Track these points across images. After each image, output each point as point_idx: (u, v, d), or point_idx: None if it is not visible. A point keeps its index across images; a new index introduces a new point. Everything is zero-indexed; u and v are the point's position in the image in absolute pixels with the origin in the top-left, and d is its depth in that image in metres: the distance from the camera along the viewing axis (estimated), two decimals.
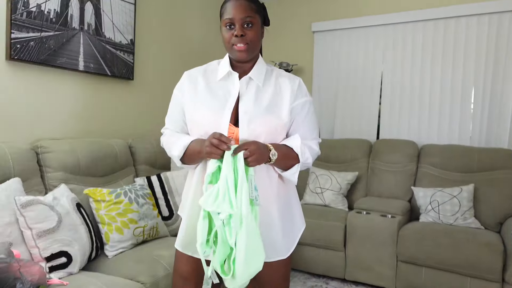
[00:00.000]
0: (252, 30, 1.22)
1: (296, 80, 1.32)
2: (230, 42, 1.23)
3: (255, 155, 1.12)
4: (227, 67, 1.29)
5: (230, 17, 1.21)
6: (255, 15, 1.23)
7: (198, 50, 3.35)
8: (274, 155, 1.17)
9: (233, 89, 1.26)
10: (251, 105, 1.23)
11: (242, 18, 1.20)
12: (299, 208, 1.40)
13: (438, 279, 2.50)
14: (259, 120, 1.21)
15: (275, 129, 1.24)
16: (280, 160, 1.20)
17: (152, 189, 2.35)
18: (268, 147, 1.18)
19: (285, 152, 1.23)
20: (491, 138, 3.13)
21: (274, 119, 1.23)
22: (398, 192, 3.13)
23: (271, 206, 1.25)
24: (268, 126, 1.22)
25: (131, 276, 1.75)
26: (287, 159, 1.24)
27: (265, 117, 1.22)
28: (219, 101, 1.25)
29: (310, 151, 1.29)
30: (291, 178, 1.27)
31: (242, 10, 1.20)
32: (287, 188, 1.32)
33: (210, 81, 1.30)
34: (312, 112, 1.34)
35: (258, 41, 1.26)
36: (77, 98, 2.39)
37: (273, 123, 1.23)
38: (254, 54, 1.27)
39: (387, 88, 3.52)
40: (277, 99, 1.27)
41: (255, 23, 1.23)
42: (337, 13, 3.73)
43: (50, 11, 2.14)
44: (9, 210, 1.58)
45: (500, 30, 3.06)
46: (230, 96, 1.25)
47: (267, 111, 1.23)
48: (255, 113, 1.22)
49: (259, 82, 1.27)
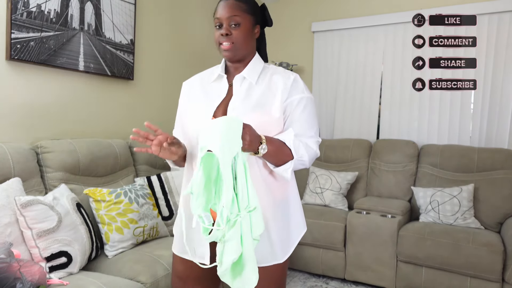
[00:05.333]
0: (238, 30, 1.22)
1: (291, 76, 1.28)
2: (217, 41, 1.25)
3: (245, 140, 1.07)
4: (219, 70, 1.32)
5: (218, 17, 1.24)
6: (244, 14, 1.23)
7: (198, 50, 3.35)
8: (263, 149, 1.12)
9: (222, 91, 1.28)
10: (240, 102, 1.23)
11: (228, 17, 1.22)
12: (300, 210, 1.35)
13: (438, 279, 2.50)
14: (246, 116, 1.18)
15: (264, 126, 1.20)
16: (271, 154, 1.15)
17: (152, 189, 2.35)
18: (261, 138, 1.12)
19: (277, 146, 1.17)
20: (491, 138, 3.13)
21: (262, 115, 1.20)
22: (398, 192, 3.13)
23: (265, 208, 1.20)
24: (256, 122, 1.17)
25: (131, 276, 1.75)
26: (280, 154, 1.18)
27: (252, 113, 1.20)
28: (206, 102, 1.27)
29: (306, 149, 1.22)
30: (283, 175, 1.20)
31: (228, 9, 1.22)
32: (283, 188, 1.27)
33: (205, 84, 1.34)
34: (310, 109, 1.27)
35: (245, 41, 1.25)
36: (77, 98, 2.39)
37: (262, 119, 1.20)
38: (242, 54, 1.27)
39: (387, 88, 3.52)
40: (268, 96, 1.24)
41: (243, 23, 1.23)
42: (337, 13, 3.73)
43: (50, 11, 2.14)
44: (9, 210, 1.58)
45: (500, 30, 3.06)
46: (217, 97, 1.27)
47: (255, 107, 1.21)
48: (243, 110, 1.21)
49: (252, 80, 1.27)
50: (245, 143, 1.06)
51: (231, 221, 1.02)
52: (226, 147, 1.02)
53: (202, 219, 1.05)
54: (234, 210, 1.03)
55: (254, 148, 1.11)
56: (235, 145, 1.04)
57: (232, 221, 1.03)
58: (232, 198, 1.02)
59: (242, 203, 1.05)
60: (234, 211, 1.03)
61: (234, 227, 1.03)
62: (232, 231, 1.03)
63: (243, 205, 1.05)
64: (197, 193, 1.05)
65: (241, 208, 1.04)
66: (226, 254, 1.04)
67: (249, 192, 1.07)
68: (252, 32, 1.27)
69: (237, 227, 1.03)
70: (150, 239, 2.13)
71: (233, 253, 1.04)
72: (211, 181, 1.09)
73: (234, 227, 1.03)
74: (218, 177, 1.07)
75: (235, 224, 1.03)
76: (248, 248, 1.06)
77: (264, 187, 1.21)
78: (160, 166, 2.68)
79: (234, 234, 1.03)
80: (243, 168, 1.07)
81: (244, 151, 1.09)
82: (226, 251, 1.04)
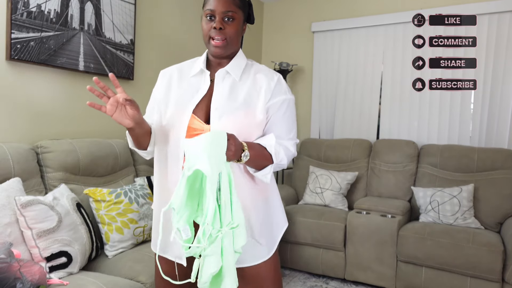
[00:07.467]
0: (232, 25, 1.19)
1: (275, 77, 1.25)
2: (208, 34, 1.21)
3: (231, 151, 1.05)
4: (201, 64, 1.26)
5: (212, 9, 1.18)
6: (238, 10, 1.20)
7: (198, 50, 3.34)
8: (246, 157, 1.10)
9: (202, 87, 1.23)
10: (224, 100, 1.19)
11: (223, 11, 1.18)
12: (280, 206, 1.35)
13: (438, 279, 2.50)
14: (231, 116, 1.16)
15: (248, 127, 1.18)
16: (252, 160, 1.13)
17: (152, 189, 2.35)
18: (243, 146, 1.10)
19: (258, 151, 1.16)
20: (491, 138, 3.13)
21: (247, 116, 1.18)
22: (398, 192, 3.13)
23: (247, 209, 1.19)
24: (240, 122, 1.16)
25: (131, 276, 1.75)
26: (260, 159, 1.17)
27: (237, 113, 1.17)
28: (185, 97, 1.22)
29: (285, 152, 1.21)
30: (263, 179, 1.20)
31: (224, 3, 1.18)
32: (264, 189, 1.26)
33: (183, 78, 1.28)
34: (291, 111, 1.26)
35: (236, 37, 1.22)
36: (77, 98, 2.39)
37: (246, 120, 1.18)
38: (232, 51, 1.24)
39: (387, 88, 3.52)
40: (253, 96, 1.21)
41: (236, 18, 1.20)
42: (337, 13, 3.73)
43: (50, 11, 2.14)
44: (9, 210, 1.58)
45: (500, 30, 3.06)
46: (197, 93, 1.22)
47: (241, 107, 1.18)
48: (227, 109, 1.17)
49: (235, 76, 1.23)
50: (230, 153, 1.05)
51: (212, 236, 0.99)
52: (214, 165, 1.00)
53: (180, 233, 1.01)
54: (216, 226, 1.00)
55: (237, 157, 1.09)
56: (221, 159, 1.03)
57: (213, 237, 1.00)
58: (214, 211, 0.99)
59: (225, 219, 1.02)
60: (216, 227, 1.00)
61: (214, 243, 1.01)
62: (212, 246, 1.00)
63: (225, 221, 1.02)
64: (178, 209, 1.01)
65: (224, 223, 1.01)
66: (206, 268, 1.02)
67: (232, 207, 1.05)
68: (241, 29, 1.25)
69: (217, 242, 1.01)
70: (150, 239, 2.13)
71: (212, 267, 1.02)
72: (193, 193, 1.05)
73: (214, 242, 1.00)
74: (201, 188, 1.04)
75: (215, 240, 1.00)
76: (228, 261, 1.05)
77: (247, 188, 1.21)
78: None
79: (214, 249, 1.01)
80: (227, 179, 1.05)
81: (229, 161, 1.07)
82: (205, 265, 1.02)
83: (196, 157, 1.00)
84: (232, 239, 1.06)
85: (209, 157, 0.99)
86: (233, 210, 1.05)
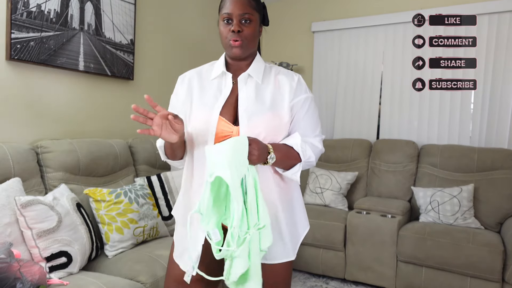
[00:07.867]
0: (249, 27, 1.21)
1: (295, 77, 1.29)
2: (226, 37, 1.22)
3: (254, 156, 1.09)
4: (221, 67, 1.27)
5: (229, 12, 1.20)
6: (254, 12, 1.22)
7: (198, 50, 3.35)
8: (272, 159, 1.14)
9: (225, 89, 1.25)
10: (252, 102, 1.21)
11: (240, 14, 1.19)
12: (303, 207, 1.39)
13: (438, 279, 2.50)
14: (260, 117, 1.18)
15: (276, 127, 1.21)
16: (279, 161, 1.17)
17: (152, 189, 2.35)
18: (268, 148, 1.14)
19: (285, 152, 1.19)
20: (491, 138, 3.13)
21: (274, 117, 1.21)
22: (398, 192, 3.13)
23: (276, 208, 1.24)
24: (269, 123, 1.19)
25: (131, 276, 1.75)
26: (288, 159, 1.21)
27: (266, 114, 1.20)
28: (209, 100, 1.23)
29: (312, 149, 1.25)
30: (293, 178, 1.24)
31: (241, 6, 1.19)
32: (290, 188, 1.30)
33: (204, 81, 1.29)
34: (313, 108, 1.30)
35: (254, 39, 1.24)
36: (77, 98, 2.39)
37: (274, 122, 1.21)
38: (249, 52, 1.25)
39: (387, 88, 3.52)
40: (277, 97, 1.24)
41: (253, 20, 1.21)
42: (337, 13, 3.73)
43: (50, 11, 2.14)
44: (9, 210, 1.58)
45: (500, 30, 3.06)
46: (220, 95, 1.24)
47: (269, 108, 1.21)
48: (256, 110, 1.20)
49: (258, 79, 1.25)
50: (253, 158, 1.08)
51: (240, 239, 1.03)
52: (234, 171, 1.02)
53: (210, 237, 1.05)
54: (244, 227, 1.04)
55: (263, 160, 1.12)
56: (242, 165, 1.06)
57: (241, 239, 1.04)
58: (242, 214, 1.03)
59: (252, 220, 1.06)
60: (244, 229, 1.04)
61: (243, 245, 1.04)
62: (241, 249, 1.04)
63: (252, 222, 1.05)
64: (206, 212, 1.05)
65: (251, 225, 1.05)
66: (234, 268, 1.06)
67: (259, 209, 1.08)
68: (258, 30, 1.27)
69: (245, 244, 1.05)
70: (150, 239, 2.13)
71: (240, 268, 1.06)
72: (220, 198, 1.09)
73: (243, 244, 1.04)
74: (228, 194, 1.07)
75: (244, 242, 1.04)
76: (255, 262, 1.09)
77: (276, 188, 1.24)
78: (160, 166, 2.68)
79: (242, 251, 1.05)
80: (253, 183, 1.08)
81: (253, 165, 1.10)
82: (234, 266, 1.06)
83: (215, 164, 1.04)
84: (259, 240, 1.10)
85: (229, 163, 1.02)
86: (259, 212, 1.08)
